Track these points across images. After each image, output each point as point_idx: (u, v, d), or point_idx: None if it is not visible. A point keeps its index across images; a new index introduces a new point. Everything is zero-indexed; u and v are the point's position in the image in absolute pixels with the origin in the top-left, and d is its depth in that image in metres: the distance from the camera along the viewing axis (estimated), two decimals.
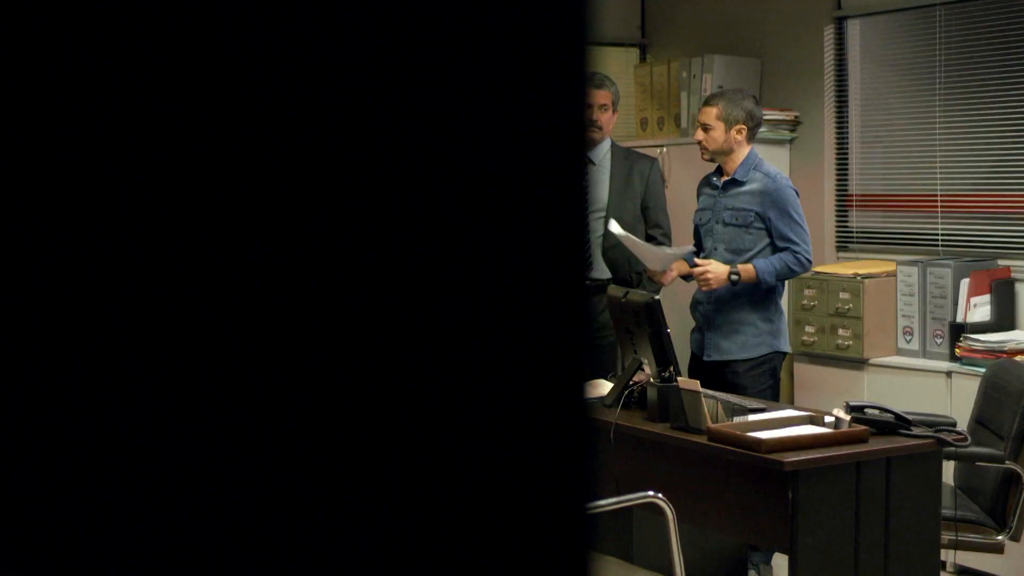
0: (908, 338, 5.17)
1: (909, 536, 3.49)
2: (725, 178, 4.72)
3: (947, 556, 4.46)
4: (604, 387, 4.26)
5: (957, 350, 4.90)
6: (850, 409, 3.60)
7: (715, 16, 6.39)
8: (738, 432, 3.43)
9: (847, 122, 5.80)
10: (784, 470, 3.27)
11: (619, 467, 3.91)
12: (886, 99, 5.69)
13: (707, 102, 4.76)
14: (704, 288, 4.60)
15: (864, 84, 5.77)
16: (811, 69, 5.89)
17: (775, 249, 4.62)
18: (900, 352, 5.19)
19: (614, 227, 4.74)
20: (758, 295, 4.63)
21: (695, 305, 4.83)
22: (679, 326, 5.90)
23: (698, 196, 4.91)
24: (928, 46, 5.41)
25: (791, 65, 6.00)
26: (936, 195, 5.41)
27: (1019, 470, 3.93)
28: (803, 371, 5.44)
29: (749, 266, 4.56)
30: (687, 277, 4.78)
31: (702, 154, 4.79)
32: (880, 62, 5.71)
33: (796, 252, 4.57)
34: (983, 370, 4.52)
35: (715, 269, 4.56)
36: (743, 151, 4.69)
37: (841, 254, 5.79)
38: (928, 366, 5.01)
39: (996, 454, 3.96)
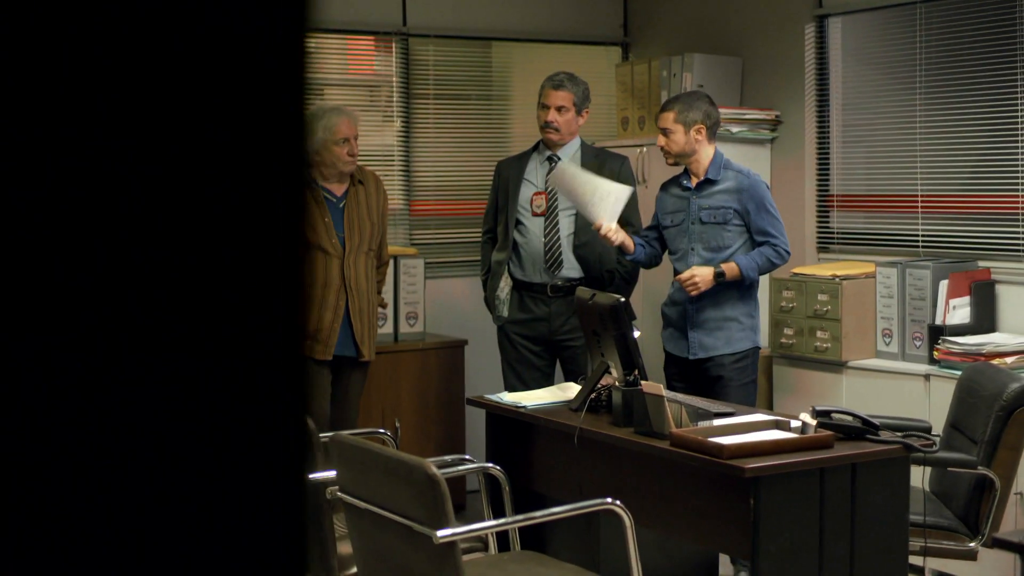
0: (887, 340, 5.10)
1: (875, 543, 3.42)
2: (697, 179, 4.71)
3: (925, 563, 4.38)
4: (573, 390, 4.20)
5: (935, 353, 4.83)
6: (816, 414, 3.52)
7: (697, 15, 6.33)
8: (700, 437, 3.36)
9: (828, 121, 5.73)
10: (745, 476, 3.20)
11: (583, 472, 3.84)
12: (867, 98, 5.62)
13: (663, 108, 4.77)
14: (693, 293, 4.58)
15: (846, 83, 5.70)
16: (792, 68, 5.82)
17: (753, 244, 4.64)
18: (879, 355, 5.13)
19: (562, 164, 4.83)
20: (741, 291, 4.65)
21: (672, 305, 4.80)
22: (657, 326, 5.80)
23: (661, 200, 4.88)
24: (908, 44, 5.35)
25: (772, 64, 5.93)
26: (917, 196, 5.34)
27: (992, 476, 3.86)
28: (781, 373, 5.37)
29: (732, 264, 4.58)
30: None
31: (666, 159, 4.80)
32: (861, 61, 5.64)
33: (775, 245, 4.60)
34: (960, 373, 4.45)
35: (701, 273, 4.57)
36: (707, 151, 4.70)
37: (822, 255, 5.72)
38: (906, 369, 4.94)
39: (968, 459, 3.89)
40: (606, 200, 4.59)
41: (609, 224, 4.61)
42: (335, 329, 5.01)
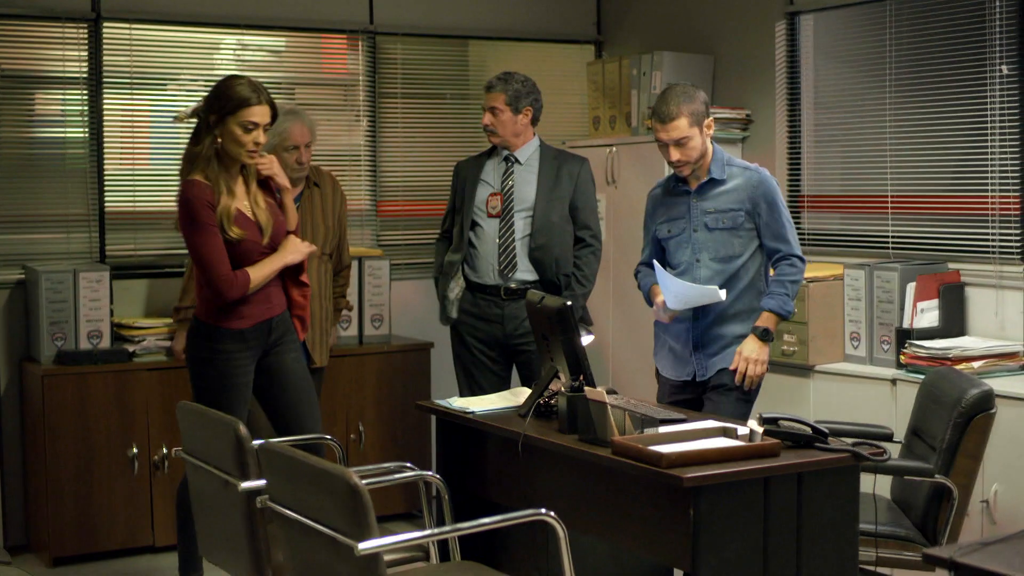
0: (855, 344, 5.00)
1: (823, 554, 3.31)
2: (697, 181, 4.22)
3: (891, 573, 4.29)
4: (524, 395, 4.11)
5: (902, 357, 4.73)
6: (763, 421, 3.43)
7: (670, 12, 6.23)
8: (640, 445, 3.26)
9: (799, 120, 5.62)
10: (684, 486, 3.10)
11: (530, 480, 3.75)
12: (839, 96, 5.52)
13: (666, 117, 4.12)
14: (755, 383, 4.15)
15: (817, 81, 5.60)
16: (764, 66, 5.72)
17: (763, 251, 4.22)
18: (847, 358, 5.03)
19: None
20: (747, 307, 4.22)
21: (664, 326, 4.31)
22: (626, 329, 5.69)
23: (653, 210, 4.38)
24: (878, 42, 5.24)
25: (743, 62, 5.83)
26: (887, 196, 5.24)
27: (949, 484, 3.76)
28: None
29: (766, 315, 4.15)
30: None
31: (680, 171, 4.22)
32: (833, 58, 5.54)
33: (790, 258, 4.18)
34: None
35: (758, 356, 4.11)
36: (709, 148, 4.22)
37: None
38: (874, 373, 4.84)
39: (924, 467, 3.78)
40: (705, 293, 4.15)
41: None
42: None
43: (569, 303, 3.68)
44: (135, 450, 5.19)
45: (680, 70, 5.84)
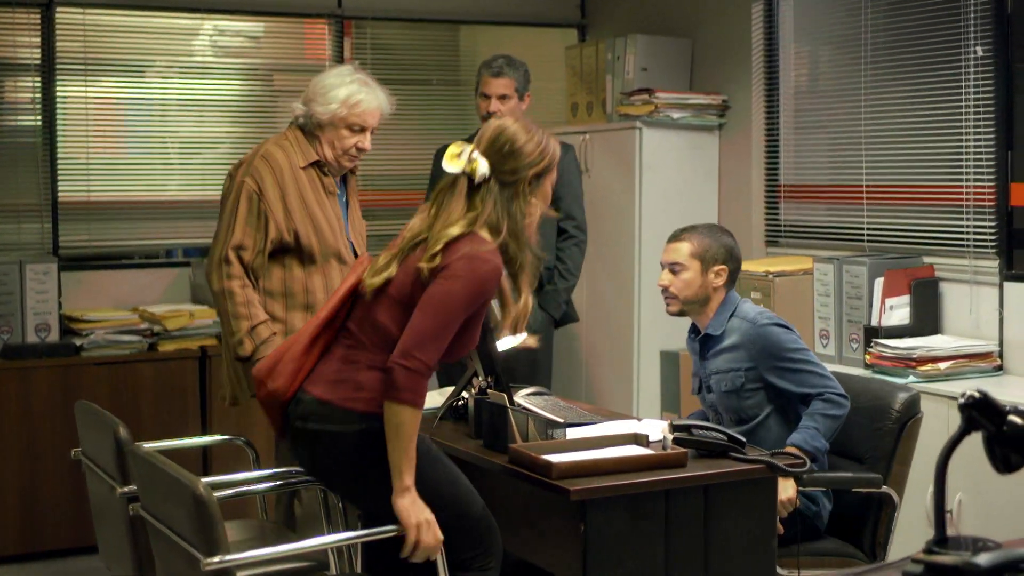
0: (824, 342, 4.74)
1: (736, 571, 3.08)
2: (701, 332, 3.64)
3: None
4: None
5: (867, 356, 4.46)
6: (674, 428, 3.19)
7: None
8: (533, 454, 3.04)
9: (777, 106, 5.35)
10: (571, 499, 2.88)
11: None
12: (816, 81, 5.24)
13: (673, 236, 3.64)
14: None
15: (795, 66, 5.32)
16: (740, 50, 5.45)
17: (789, 406, 3.52)
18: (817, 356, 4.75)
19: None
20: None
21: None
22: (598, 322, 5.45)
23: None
24: (854, 24, 4.95)
25: (721, 45, 5.57)
26: (862, 186, 4.96)
27: (893, 494, 3.49)
28: None
29: (789, 449, 3.36)
30: None
31: (668, 306, 3.65)
32: (810, 42, 5.26)
33: (823, 394, 3.46)
34: (896, 379, 4.08)
35: (784, 493, 3.28)
36: (718, 298, 3.64)
37: (770, 249, 5.35)
38: (843, 373, 4.56)
39: (873, 478, 3.45)
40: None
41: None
42: None
43: None
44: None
45: (655, 54, 5.59)
